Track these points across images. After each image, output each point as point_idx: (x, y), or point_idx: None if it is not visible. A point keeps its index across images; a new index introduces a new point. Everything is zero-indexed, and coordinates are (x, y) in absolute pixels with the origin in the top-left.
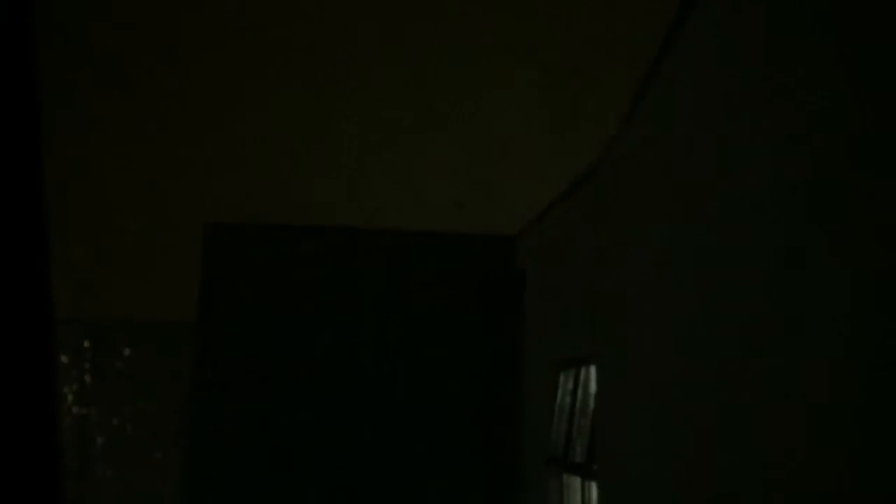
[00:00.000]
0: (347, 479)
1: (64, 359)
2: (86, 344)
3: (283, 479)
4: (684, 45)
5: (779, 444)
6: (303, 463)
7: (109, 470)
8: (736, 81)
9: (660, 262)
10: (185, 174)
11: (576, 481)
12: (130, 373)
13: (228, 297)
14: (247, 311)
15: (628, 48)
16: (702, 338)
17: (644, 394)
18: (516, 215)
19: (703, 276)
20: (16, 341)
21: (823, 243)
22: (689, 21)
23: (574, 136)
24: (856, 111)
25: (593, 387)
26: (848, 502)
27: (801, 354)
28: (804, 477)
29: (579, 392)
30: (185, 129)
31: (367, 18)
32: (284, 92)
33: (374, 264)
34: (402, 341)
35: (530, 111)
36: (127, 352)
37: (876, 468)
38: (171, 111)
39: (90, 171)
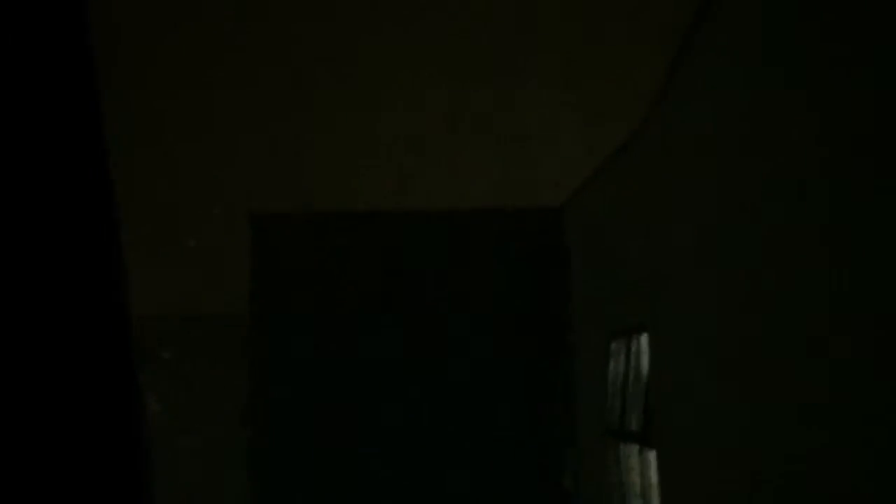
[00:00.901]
0: (403, 457)
1: None
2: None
3: (343, 462)
4: (722, 10)
5: (838, 411)
6: (361, 443)
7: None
8: (778, 47)
9: (707, 229)
10: (230, 164)
11: (633, 449)
12: (181, 356)
13: (278, 286)
14: (298, 299)
15: (663, 12)
16: (750, 305)
17: (697, 360)
18: (559, 187)
19: (751, 242)
20: (95, 325)
21: (872, 212)
22: None
23: (610, 104)
24: None
25: (646, 355)
26: None
27: (863, 324)
28: (868, 445)
29: (632, 361)
30: (231, 119)
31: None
32: (326, 78)
33: (420, 245)
34: (453, 320)
35: (563, 82)
36: (177, 338)
37: None
38: (217, 105)
39: (140, 167)
